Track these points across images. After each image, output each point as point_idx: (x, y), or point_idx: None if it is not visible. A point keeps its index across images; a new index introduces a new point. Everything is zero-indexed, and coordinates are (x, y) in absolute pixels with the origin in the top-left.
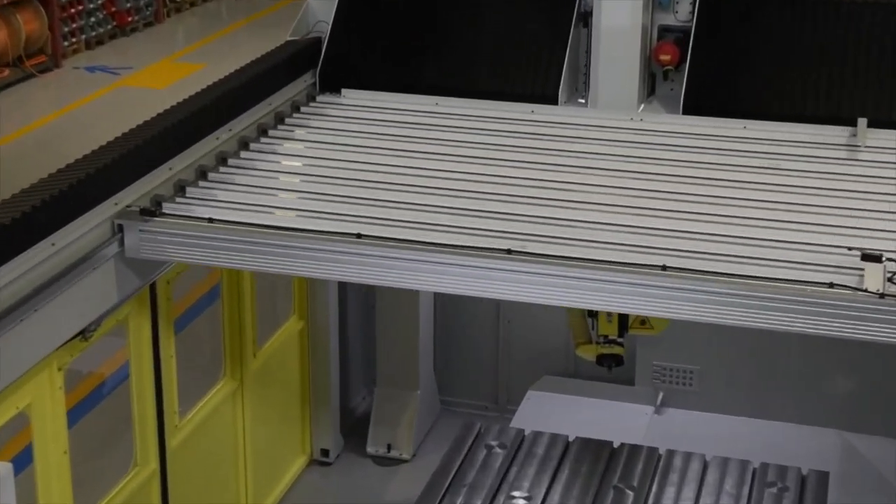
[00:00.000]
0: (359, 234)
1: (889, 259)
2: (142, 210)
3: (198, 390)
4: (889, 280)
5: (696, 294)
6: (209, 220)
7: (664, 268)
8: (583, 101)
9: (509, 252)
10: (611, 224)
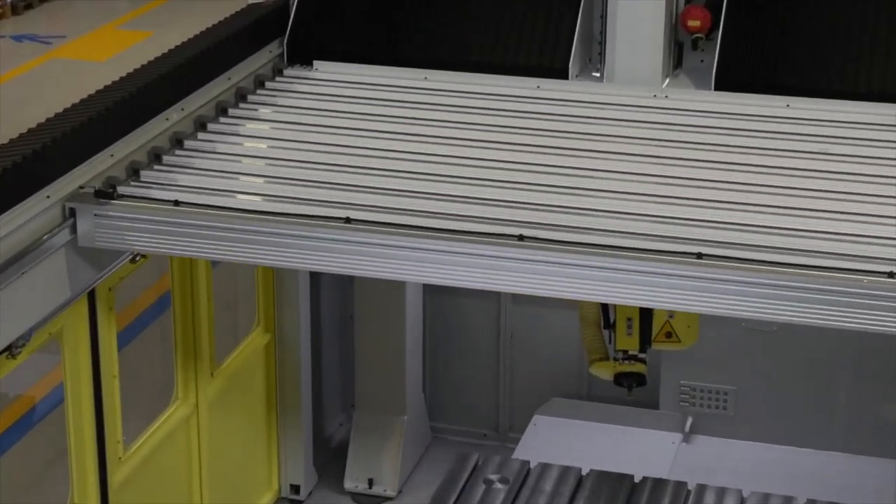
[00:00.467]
0: (347, 219)
1: None
2: (97, 192)
3: (145, 416)
4: None
5: (736, 286)
6: (175, 203)
7: (699, 256)
8: (597, 74)
9: (521, 238)
10: (632, 214)
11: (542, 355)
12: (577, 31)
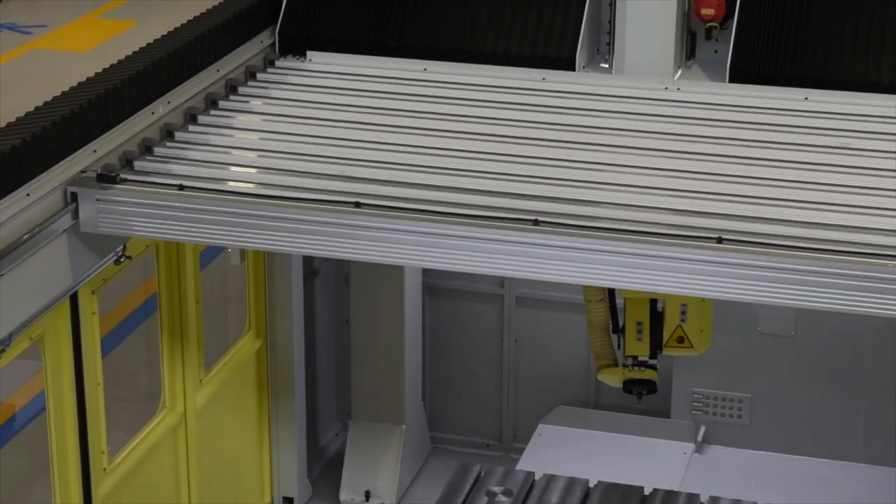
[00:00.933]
0: (357, 203)
1: None
2: (99, 176)
3: (131, 425)
4: None
5: (758, 270)
6: (180, 188)
7: (720, 240)
8: (606, 65)
9: (536, 223)
10: (645, 207)
11: (547, 361)
12: (584, 19)
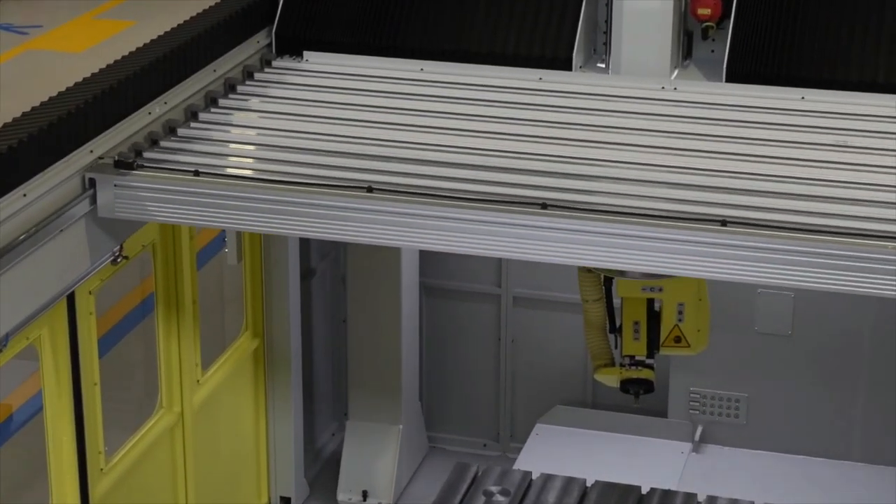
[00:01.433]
0: (369, 188)
1: None
2: (116, 162)
3: (128, 425)
4: None
5: (761, 252)
6: (195, 173)
7: (724, 223)
8: (602, 65)
9: (544, 206)
10: (647, 196)
11: (544, 361)
12: (581, 19)
